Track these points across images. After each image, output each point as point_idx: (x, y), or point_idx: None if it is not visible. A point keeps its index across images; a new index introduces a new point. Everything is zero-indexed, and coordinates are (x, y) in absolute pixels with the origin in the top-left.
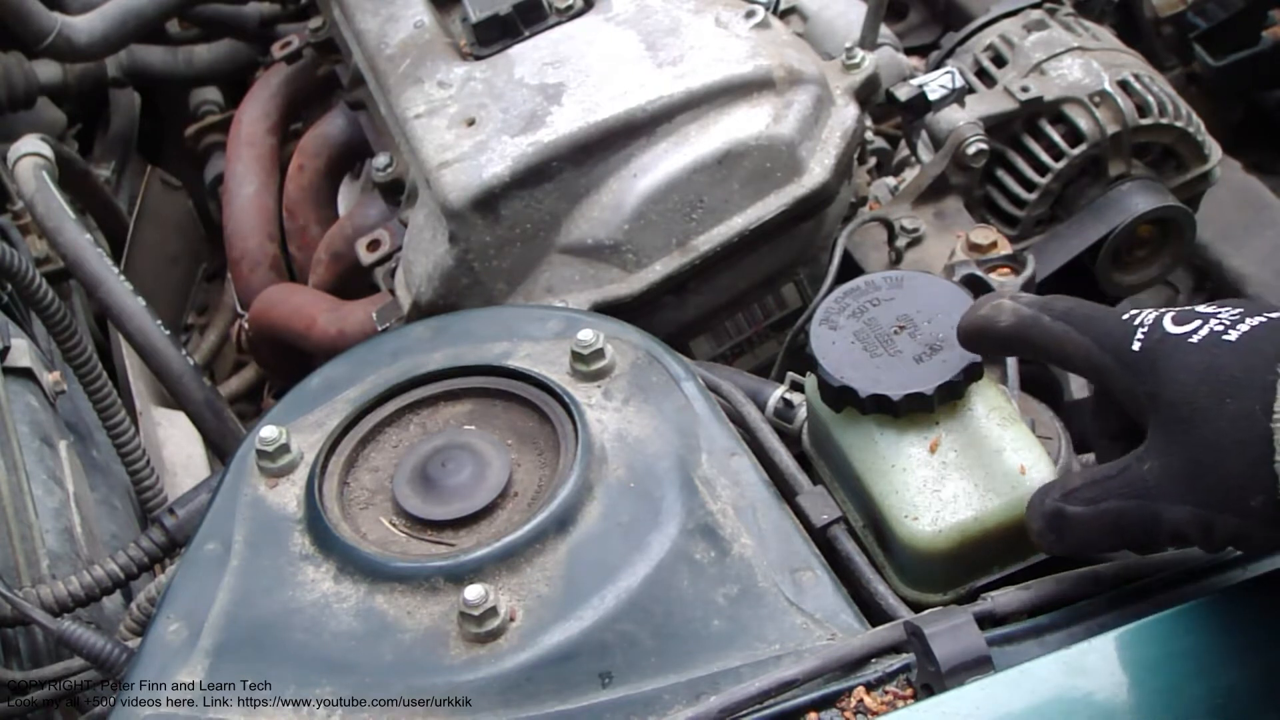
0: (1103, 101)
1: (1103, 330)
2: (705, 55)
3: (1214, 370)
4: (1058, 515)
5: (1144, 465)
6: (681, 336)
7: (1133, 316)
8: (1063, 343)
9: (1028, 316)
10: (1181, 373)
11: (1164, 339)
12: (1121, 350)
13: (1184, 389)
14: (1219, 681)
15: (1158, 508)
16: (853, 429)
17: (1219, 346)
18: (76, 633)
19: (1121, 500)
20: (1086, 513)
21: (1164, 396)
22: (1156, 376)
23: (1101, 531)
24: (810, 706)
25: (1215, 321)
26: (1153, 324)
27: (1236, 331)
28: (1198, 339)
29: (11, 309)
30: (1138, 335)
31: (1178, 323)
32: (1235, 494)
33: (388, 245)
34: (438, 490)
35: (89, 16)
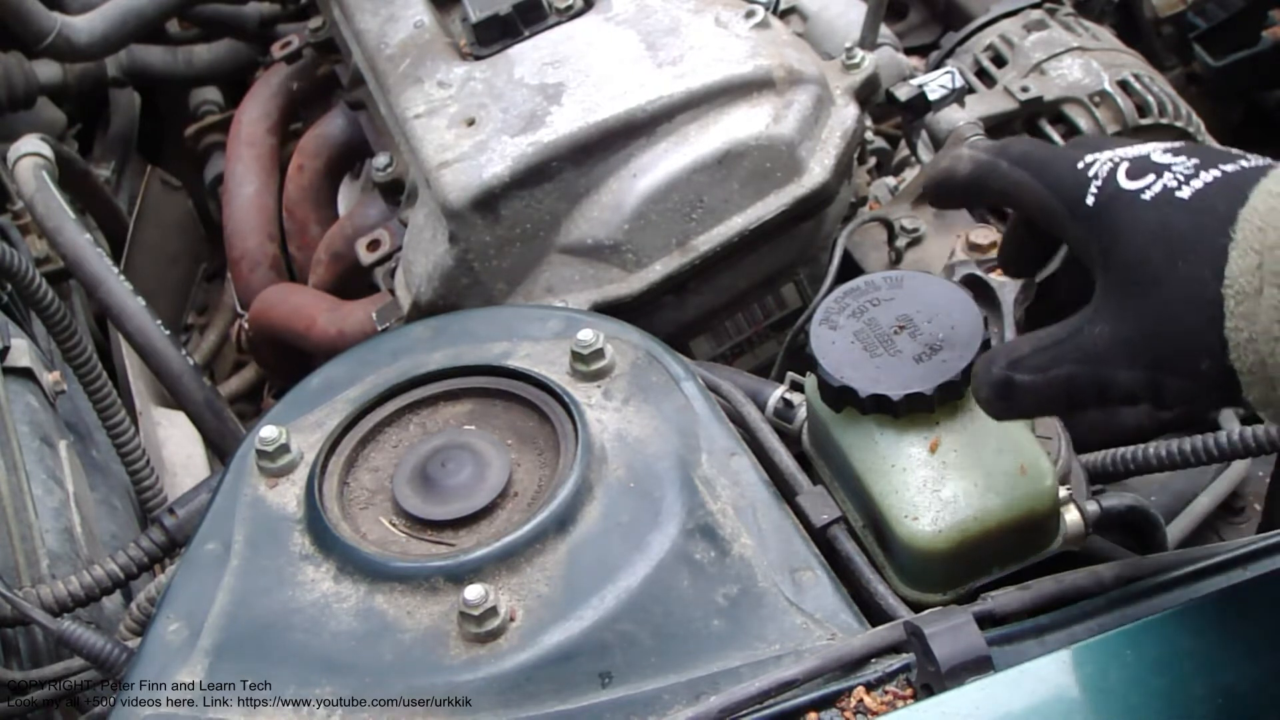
0: (1103, 101)
1: (1057, 178)
2: (705, 55)
3: (1166, 230)
4: (1005, 383)
5: (1095, 328)
6: (681, 336)
7: (1088, 165)
8: (1020, 188)
9: (985, 163)
10: (1134, 233)
11: (1118, 195)
12: (1076, 202)
13: (1137, 250)
14: (1220, 681)
15: (1109, 372)
16: (853, 429)
17: (1171, 204)
18: (76, 633)
19: (1073, 365)
20: (1036, 380)
21: (1116, 256)
22: (1109, 234)
23: (1052, 397)
24: (810, 706)
25: (1169, 175)
26: (1107, 177)
27: (1190, 188)
28: (1150, 196)
29: (11, 309)
30: (1092, 189)
31: (1131, 176)
32: (1185, 358)
33: (388, 245)
34: (438, 490)
35: (89, 16)
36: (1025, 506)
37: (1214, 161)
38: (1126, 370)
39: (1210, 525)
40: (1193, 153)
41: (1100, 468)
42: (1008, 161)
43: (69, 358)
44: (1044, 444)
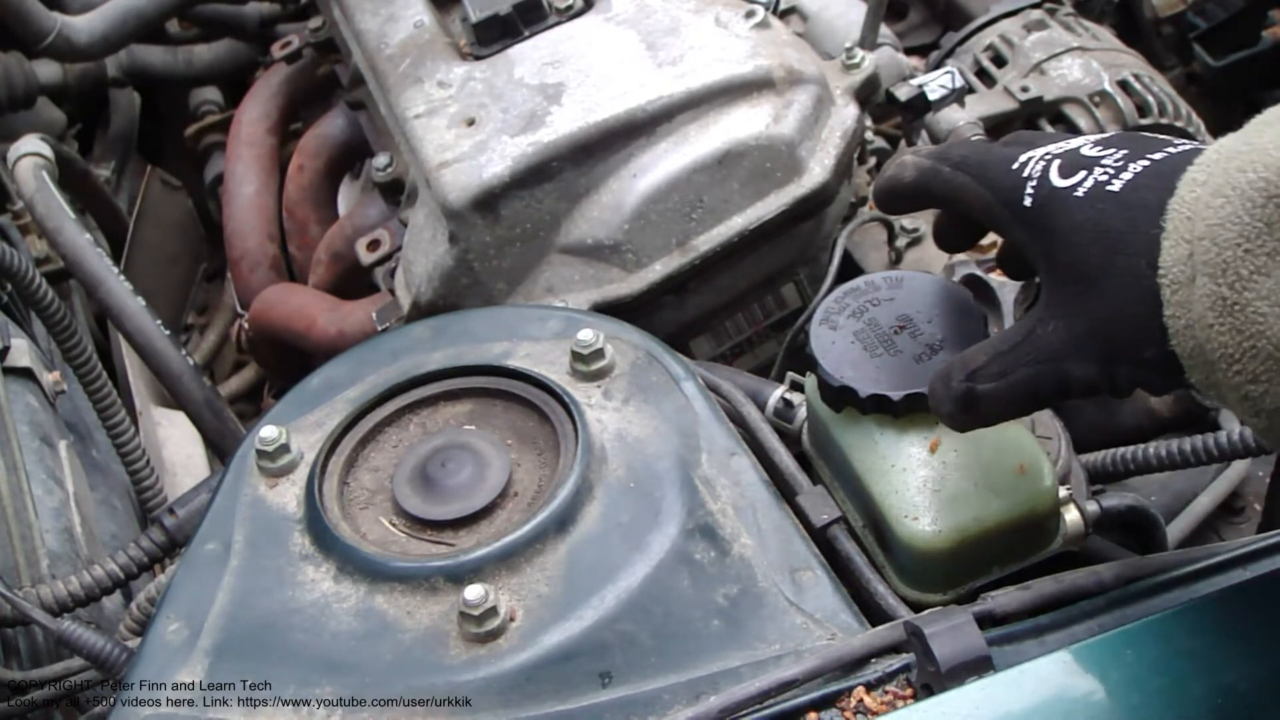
0: (1102, 101)
1: (995, 180)
2: (705, 55)
3: (1101, 226)
4: (968, 395)
5: (1048, 327)
6: (681, 336)
7: (1022, 165)
8: (962, 193)
9: (927, 169)
10: (1072, 232)
11: (1053, 193)
12: (1015, 204)
13: (1076, 249)
14: (1219, 681)
15: (1066, 368)
16: (853, 429)
17: (1104, 200)
18: (76, 633)
19: (1032, 366)
20: (999, 387)
21: (1058, 255)
22: (1049, 234)
23: (1016, 401)
24: (810, 706)
25: (1100, 170)
26: (1041, 176)
27: (1120, 181)
28: (1083, 192)
29: (11, 309)
30: (1028, 189)
31: (1064, 174)
32: (1131, 347)
33: (388, 245)
34: (438, 490)
35: (89, 16)
36: (1025, 506)
37: (1142, 151)
38: (1082, 364)
39: (1210, 525)
40: (1121, 143)
41: (1100, 468)
42: (949, 166)
43: (69, 358)
44: (1044, 444)
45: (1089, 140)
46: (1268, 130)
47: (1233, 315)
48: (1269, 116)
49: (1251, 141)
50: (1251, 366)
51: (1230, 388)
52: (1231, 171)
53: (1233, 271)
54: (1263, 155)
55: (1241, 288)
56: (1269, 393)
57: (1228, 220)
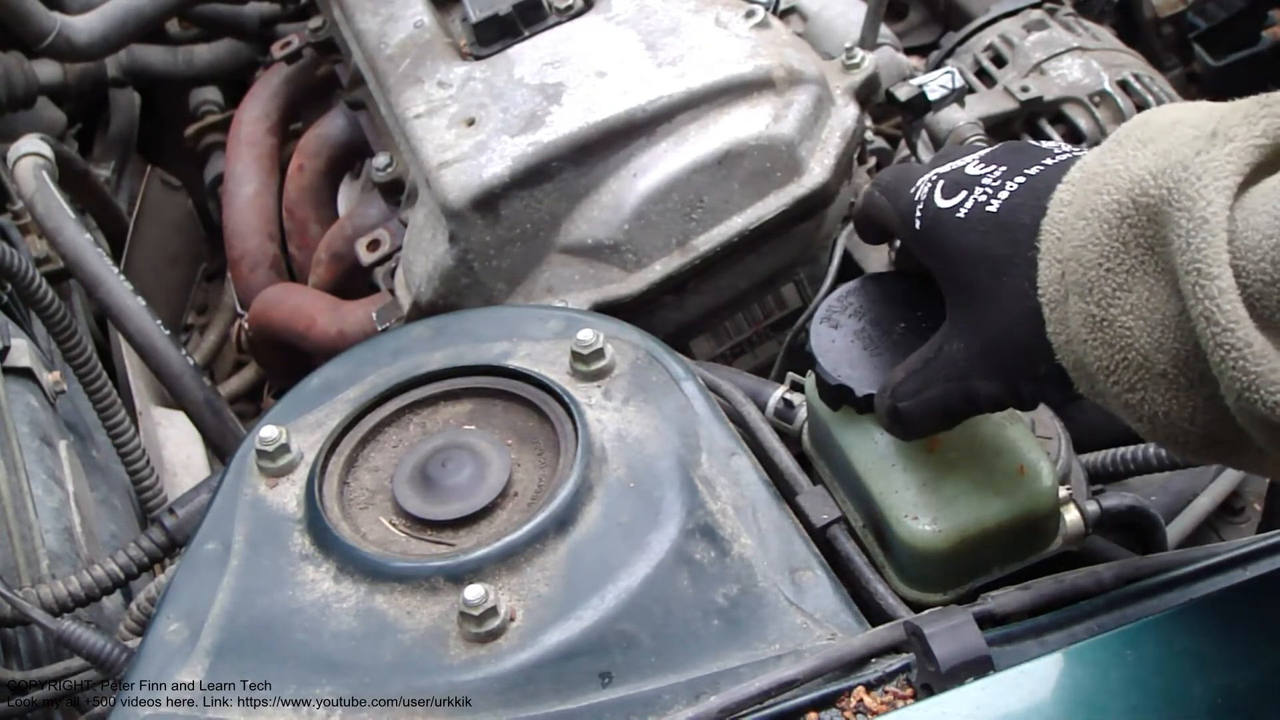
0: (1102, 101)
1: (899, 205)
2: (705, 55)
3: (984, 249)
4: (893, 412)
5: (953, 346)
6: (681, 336)
7: (916, 189)
8: (882, 215)
9: (865, 193)
10: (959, 254)
11: (938, 215)
12: (910, 226)
13: (964, 271)
14: (1219, 681)
15: (972, 384)
16: (852, 428)
17: (985, 222)
18: (76, 633)
19: (942, 384)
20: (915, 405)
21: (953, 277)
22: (940, 257)
23: (932, 417)
24: (810, 706)
25: (979, 190)
26: (926, 198)
27: (998, 201)
28: (964, 213)
29: (11, 309)
30: (917, 212)
31: (946, 195)
32: (1025, 363)
33: (388, 245)
34: (438, 490)
35: (89, 16)
36: (1025, 506)
37: (1020, 166)
38: (985, 381)
39: (1210, 525)
40: (1003, 158)
41: (1100, 468)
42: (878, 190)
43: (69, 358)
44: (1044, 444)
45: (975, 157)
46: (1119, 150)
47: (1103, 330)
48: (1121, 134)
49: (1106, 162)
50: (1126, 377)
51: (1112, 396)
52: (1090, 194)
53: (1098, 290)
54: (1114, 177)
55: (1107, 304)
56: (1145, 399)
57: (1089, 241)
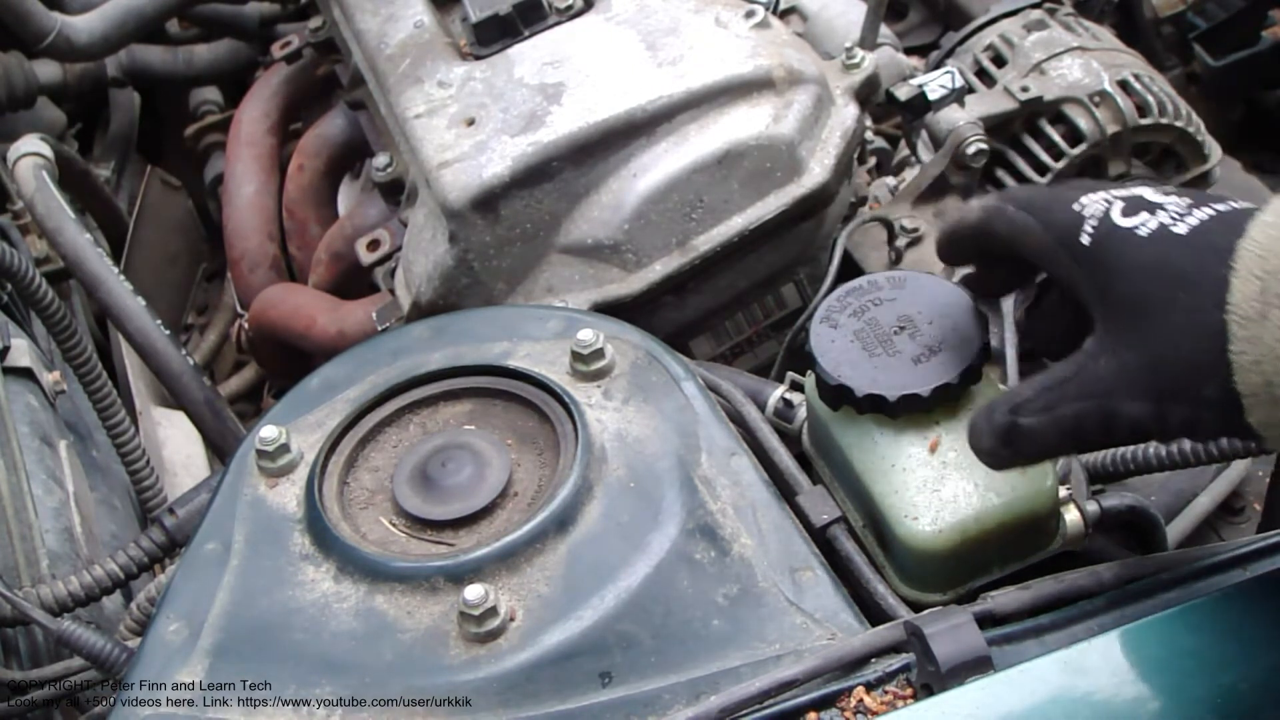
0: (1103, 101)
1: (1055, 220)
2: (705, 55)
3: (1165, 265)
4: (1011, 430)
5: (1098, 362)
6: (681, 336)
7: (1083, 206)
8: (1024, 232)
9: (992, 208)
10: (1132, 268)
11: (1113, 232)
12: (1072, 243)
13: (1135, 284)
14: (1220, 681)
15: (1115, 405)
16: (852, 429)
17: (1168, 240)
18: (76, 633)
19: (1079, 403)
20: (1043, 421)
21: (1115, 291)
22: (1107, 271)
23: (1060, 438)
24: (810, 706)
25: (1163, 214)
26: (1102, 216)
27: (1186, 225)
28: (1146, 232)
29: (11, 309)
30: (1087, 228)
31: (1126, 214)
32: (1189, 385)
33: (388, 245)
34: (438, 490)
35: (89, 16)
36: (1025, 506)
37: (1206, 201)
38: (1132, 402)
39: (1210, 525)
40: (1183, 193)
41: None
42: (1012, 205)
43: (69, 358)
44: None
45: (1150, 189)
46: None
47: None
48: None
49: None
50: None
51: None
52: None
53: None
54: None
55: None
56: None
57: None
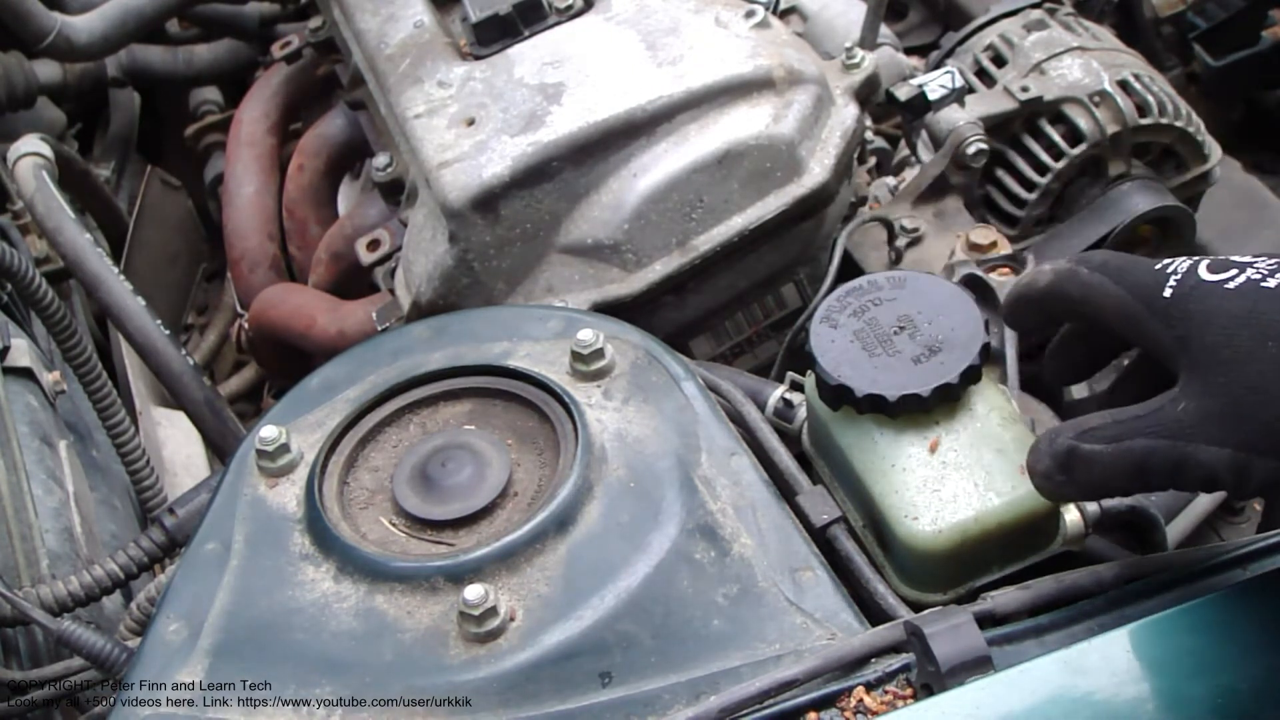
0: (1102, 101)
1: (1134, 280)
2: (705, 55)
3: (1256, 314)
4: (1070, 453)
5: (1179, 406)
6: (681, 336)
7: (1165, 265)
8: (1098, 293)
9: (1065, 270)
10: (1220, 316)
11: (1199, 285)
12: (1153, 298)
13: (1224, 332)
14: (1220, 681)
15: (1191, 449)
16: (852, 429)
17: (1258, 293)
18: (76, 633)
19: (1151, 439)
20: (1107, 450)
21: (1201, 339)
22: (1190, 320)
23: (1123, 471)
24: (810, 706)
25: (1253, 270)
26: (1187, 271)
27: (1276, 280)
28: (1234, 285)
29: (11, 309)
30: (1170, 282)
31: (1213, 270)
32: (1278, 436)
33: (388, 245)
34: (437, 490)
35: (89, 16)
36: (1025, 506)
37: None
38: (1211, 448)
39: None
40: (1272, 255)
41: None
42: (1087, 268)
43: (69, 358)
44: None
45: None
46: None
47: None
48: None
49: None
50: None
51: None
52: None
53: None
54: None
55: None
56: None
57: None
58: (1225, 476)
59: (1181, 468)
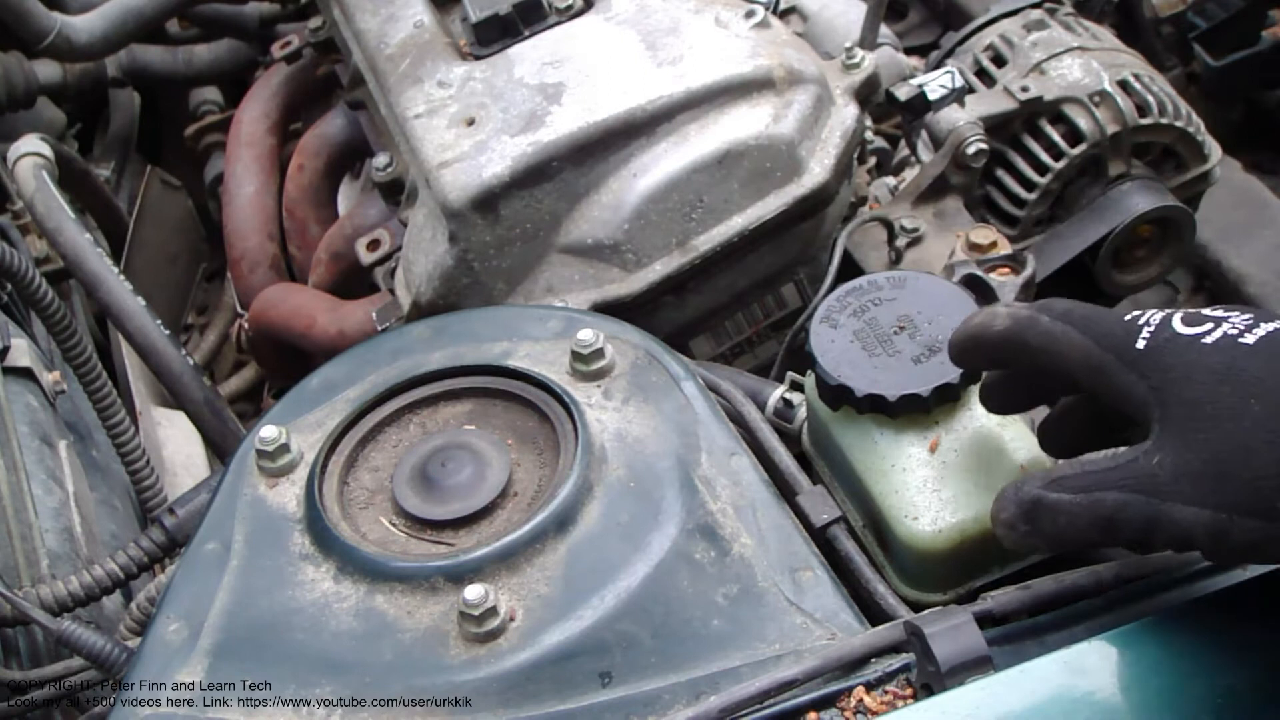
0: (1102, 101)
1: (1102, 330)
2: (705, 55)
3: (1235, 371)
4: (1036, 503)
5: (1153, 459)
6: (681, 336)
7: (1135, 317)
8: (1060, 343)
9: (1024, 318)
10: (1198, 371)
11: (1174, 338)
12: (1124, 349)
13: (1204, 388)
14: (1219, 681)
15: (1167, 507)
16: (852, 429)
17: (1237, 348)
18: (76, 633)
19: (1123, 493)
20: (1075, 501)
21: (1180, 394)
22: (1166, 374)
23: (1092, 524)
24: (810, 706)
25: (1228, 325)
26: (1160, 323)
27: (1253, 336)
28: (1212, 340)
29: (11, 309)
30: (1143, 334)
31: (1188, 324)
32: (1261, 496)
33: (388, 245)
34: (437, 490)
35: (89, 16)
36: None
37: (1270, 317)
38: (1189, 508)
39: None
40: (1244, 309)
41: None
42: (1049, 316)
43: (69, 358)
44: None
45: (1206, 309)
46: None
47: None
48: None
49: None
50: None
51: None
52: None
53: None
54: None
55: None
56: None
57: None
58: (1201, 538)
59: (1155, 525)
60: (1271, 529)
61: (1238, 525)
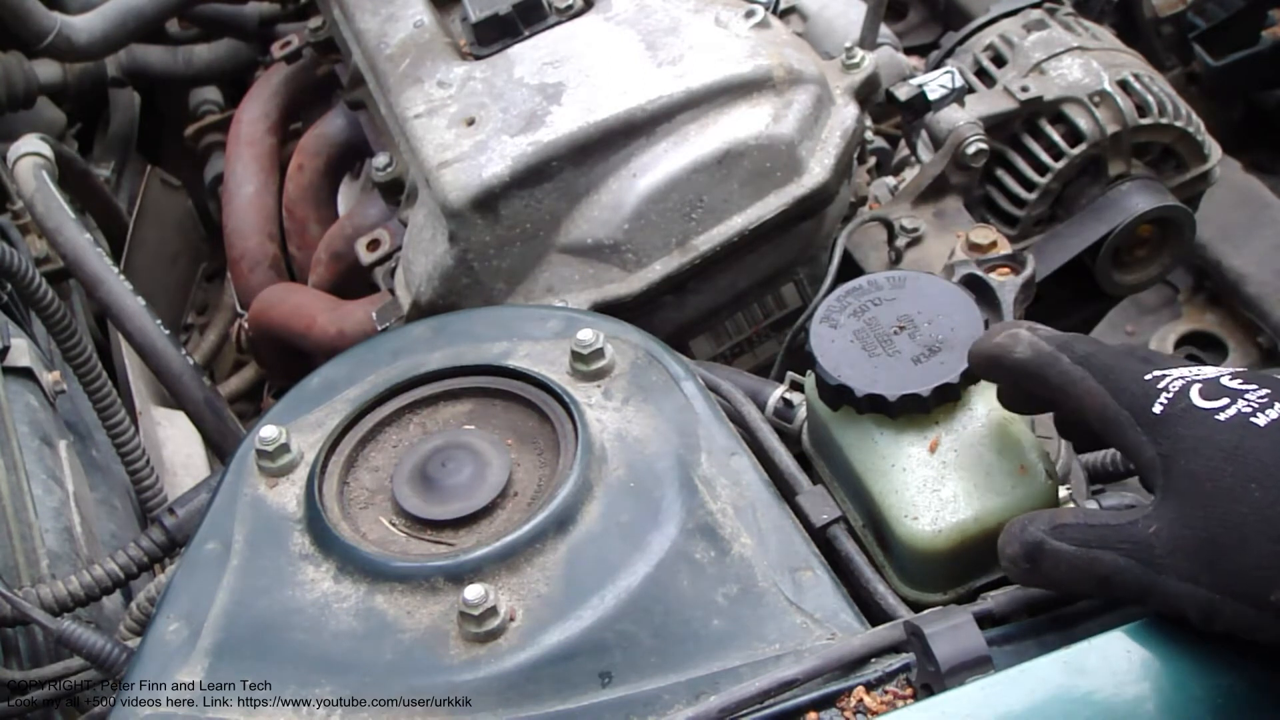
0: (1102, 101)
1: (1121, 385)
2: (705, 55)
3: (1242, 452)
4: (1039, 547)
5: (1150, 528)
6: (681, 336)
7: (1156, 379)
8: (1077, 387)
9: (1046, 354)
10: (1206, 447)
11: (1190, 409)
12: (1141, 410)
13: (1208, 464)
14: (1219, 681)
15: (1161, 580)
16: (852, 428)
17: (1247, 429)
18: (76, 632)
19: (1119, 556)
20: (1074, 553)
21: (1185, 466)
22: (1176, 444)
23: (1084, 577)
24: (810, 706)
25: (1243, 402)
26: (1179, 392)
27: (1266, 417)
28: (1225, 418)
29: (11, 309)
30: (1160, 399)
31: (1205, 396)
32: (1255, 583)
33: (387, 245)
34: (437, 490)
35: (89, 16)
36: (1025, 506)
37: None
38: (1181, 583)
39: None
40: (1263, 382)
41: (1100, 468)
42: (1070, 358)
43: (69, 358)
44: (1044, 444)
45: (1227, 373)
46: None
47: None
48: None
49: None
50: None
51: None
52: None
53: None
54: None
55: None
56: None
57: None
58: (1193, 614)
59: (1148, 594)
60: (1262, 617)
61: (1230, 608)
